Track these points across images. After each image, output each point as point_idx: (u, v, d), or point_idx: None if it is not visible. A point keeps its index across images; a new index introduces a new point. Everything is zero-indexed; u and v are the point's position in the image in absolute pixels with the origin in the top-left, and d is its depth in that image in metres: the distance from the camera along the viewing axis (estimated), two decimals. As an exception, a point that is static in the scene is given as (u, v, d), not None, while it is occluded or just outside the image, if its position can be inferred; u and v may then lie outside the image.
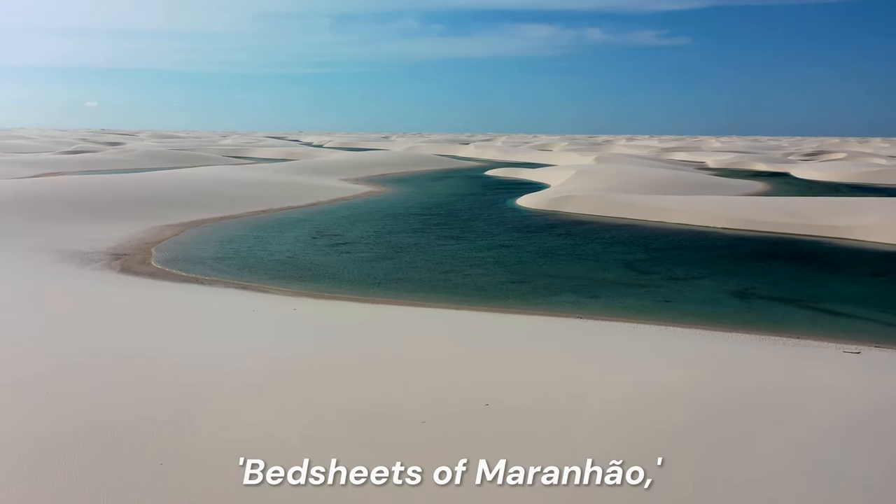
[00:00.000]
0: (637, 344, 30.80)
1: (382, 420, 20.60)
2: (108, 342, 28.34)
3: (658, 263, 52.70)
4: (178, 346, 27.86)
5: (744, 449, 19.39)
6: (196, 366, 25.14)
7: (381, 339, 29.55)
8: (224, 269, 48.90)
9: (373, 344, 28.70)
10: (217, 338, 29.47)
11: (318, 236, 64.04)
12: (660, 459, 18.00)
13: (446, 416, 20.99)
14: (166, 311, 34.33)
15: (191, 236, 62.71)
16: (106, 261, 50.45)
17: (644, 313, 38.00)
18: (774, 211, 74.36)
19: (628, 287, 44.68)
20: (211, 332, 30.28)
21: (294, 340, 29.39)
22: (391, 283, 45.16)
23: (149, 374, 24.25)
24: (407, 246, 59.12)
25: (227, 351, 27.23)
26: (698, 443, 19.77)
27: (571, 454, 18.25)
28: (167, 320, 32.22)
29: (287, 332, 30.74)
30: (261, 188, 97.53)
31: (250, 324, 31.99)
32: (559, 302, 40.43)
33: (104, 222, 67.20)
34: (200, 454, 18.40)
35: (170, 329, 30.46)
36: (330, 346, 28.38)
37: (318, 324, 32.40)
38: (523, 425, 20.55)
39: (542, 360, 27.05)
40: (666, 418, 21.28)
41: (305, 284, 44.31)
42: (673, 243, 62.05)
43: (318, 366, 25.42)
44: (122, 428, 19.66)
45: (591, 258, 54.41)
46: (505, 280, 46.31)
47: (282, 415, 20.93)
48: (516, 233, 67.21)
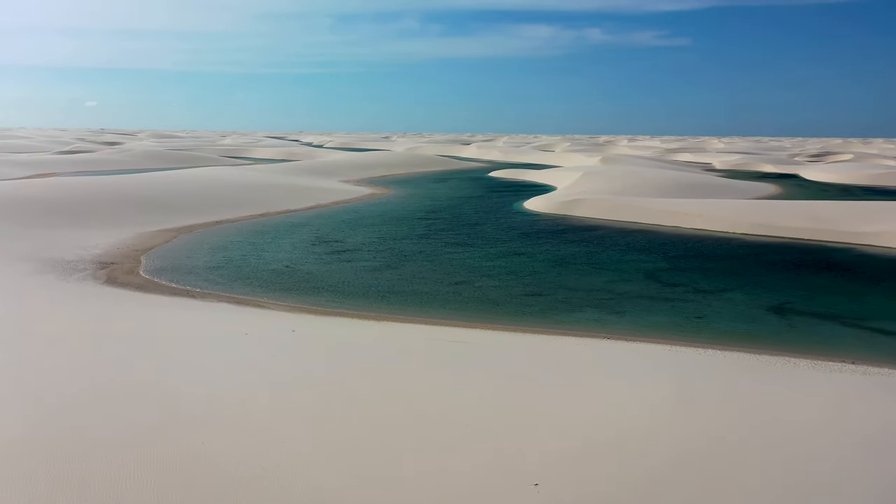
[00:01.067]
0: (677, 370, 27.39)
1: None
2: (80, 375, 24.93)
3: (681, 273, 49.32)
4: (162, 379, 24.44)
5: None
6: (184, 409, 21.78)
7: (395, 372, 26.08)
8: (218, 279, 45.50)
9: (387, 378, 25.29)
10: (206, 369, 26.05)
11: (317, 242, 60.62)
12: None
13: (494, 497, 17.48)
14: (151, 335, 30.85)
15: (183, 242, 59.27)
16: (90, 270, 47.02)
17: (676, 332, 34.61)
18: (796, 216, 70.95)
19: (653, 301, 41.27)
20: (200, 362, 26.83)
21: (295, 375, 25.96)
22: (398, 296, 41.73)
23: (127, 417, 20.90)
24: (412, 254, 55.70)
25: (218, 389, 23.81)
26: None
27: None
28: (151, 347, 28.75)
29: (288, 363, 27.26)
30: (259, 190, 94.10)
31: (244, 351, 28.48)
32: (582, 319, 37.01)
33: (93, 227, 63.77)
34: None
35: (153, 358, 27.01)
36: (338, 382, 25.02)
37: (322, 351, 28.88)
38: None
39: (582, 395, 23.74)
40: (739, 472, 17.99)
41: (304, 298, 40.89)
42: (693, 250, 58.65)
43: (334, 421, 22.04)
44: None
45: (608, 267, 51.02)
46: (520, 293, 42.89)
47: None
48: (526, 239, 63.79)
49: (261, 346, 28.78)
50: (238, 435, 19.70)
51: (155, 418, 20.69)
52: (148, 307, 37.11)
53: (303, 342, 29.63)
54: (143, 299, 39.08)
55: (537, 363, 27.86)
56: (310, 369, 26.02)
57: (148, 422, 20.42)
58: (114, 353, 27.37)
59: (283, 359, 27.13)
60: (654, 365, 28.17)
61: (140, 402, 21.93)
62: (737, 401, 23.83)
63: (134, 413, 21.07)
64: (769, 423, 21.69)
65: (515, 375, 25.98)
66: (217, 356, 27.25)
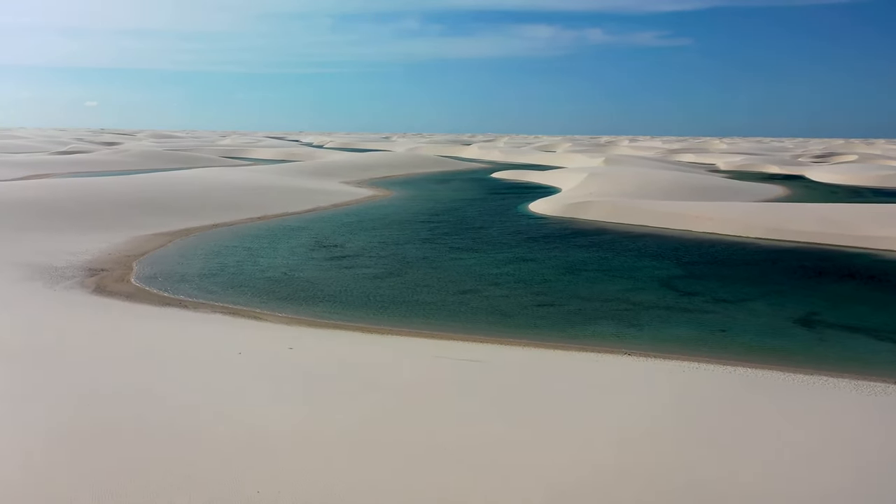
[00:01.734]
0: (708, 391, 25.21)
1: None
2: (61, 397, 22.74)
3: (697, 281, 47.11)
4: (140, 413, 22.19)
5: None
6: (168, 443, 19.58)
7: (403, 399, 23.82)
8: (212, 287, 43.28)
9: (394, 406, 23.06)
10: (194, 395, 23.81)
11: (316, 247, 58.39)
12: None
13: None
14: (137, 352, 28.61)
15: (178, 247, 57.05)
16: (79, 278, 44.81)
17: (700, 348, 32.40)
18: (810, 219, 68.74)
19: (671, 312, 39.06)
20: (188, 387, 24.58)
21: (293, 402, 23.74)
22: (401, 306, 39.51)
23: (107, 453, 18.71)
24: (415, 260, 53.46)
25: (208, 421, 21.60)
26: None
27: None
28: (136, 366, 26.55)
29: (285, 388, 25.04)
30: (257, 192, 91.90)
31: (237, 374, 26.22)
32: (599, 333, 34.78)
33: (85, 231, 61.56)
34: None
35: (135, 383, 24.75)
36: (339, 410, 22.81)
37: (321, 373, 26.61)
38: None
39: (610, 421, 21.55)
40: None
41: (303, 308, 38.66)
42: (708, 256, 56.45)
43: (337, 452, 19.82)
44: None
45: (621, 274, 48.81)
46: (531, 303, 40.68)
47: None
48: (534, 243, 61.56)
49: (255, 367, 26.47)
50: (235, 464, 17.50)
51: (132, 454, 18.49)
52: (136, 319, 34.88)
53: (301, 362, 27.31)
54: (132, 310, 36.85)
55: (557, 384, 25.64)
56: (308, 394, 23.77)
57: (120, 457, 18.21)
58: (92, 375, 25.15)
59: (279, 383, 24.82)
60: (683, 385, 25.98)
61: (114, 439, 19.71)
62: (784, 428, 21.63)
63: (105, 452, 18.87)
64: (822, 454, 19.50)
65: (535, 399, 23.77)
66: (208, 380, 24.96)
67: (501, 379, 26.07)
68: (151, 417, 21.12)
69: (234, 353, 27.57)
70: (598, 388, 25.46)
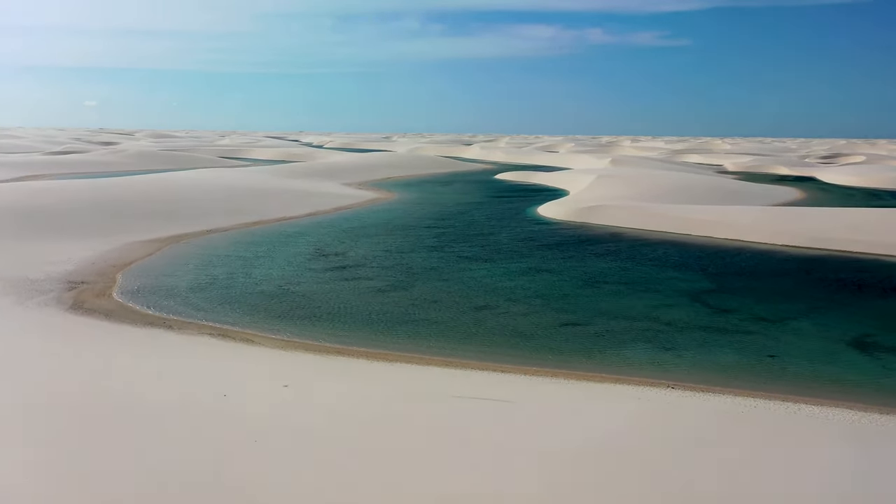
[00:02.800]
0: (777, 436, 21.42)
1: None
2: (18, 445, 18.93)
3: (730, 296, 43.30)
4: (100, 469, 18.38)
5: None
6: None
7: (423, 458, 20.02)
8: (201, 303, 39.45)
9: (412, 468, 19.26)
10: (169, 449, 19.98)
11: (316, 256, 54.55)
12: None
13: None
14: (108, 387, 24.76)
15: (167, 256, 53.21)
16: (56, 292, 40.96)
17: (751, 379, 28.60)
18: (839, 225, 64.97)
19: (708, 333, 35.21)
20: (162, 439, 20.75)
21: (288, 458, 19.89)
22: (410, 326, 35.65)
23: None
24: (423, 270, 49.61)
25: (186, 485, 17.78)
26: None
27: None
28: (105, 405, 22.71)
29: (277, 440, 21.18)
30: (254, 195, 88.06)
31: (223, 422, 22.33)
32: (634, 359, 30.96)
33: (69, 238, 57.67)
34: None
35: (99, 429, 20.90)
36: (341, 469, 18.99)
37: (320, 419, 22.71)
38: None
39: (675, 478, 17.77)
40: None
41: (300, 329, 34.82)
42: (735, 266, 52.66)
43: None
44: None
45: (646, 287, 45.00)
46: (553, 322, 36.85)
47: None
48: (548, 251, 57.73)
49: (239, 420, 22.23)
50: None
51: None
52: (112, 344, 31.03)
53: (294, 409, 23.24)
54: (110, 332, 32.99)
55: (603, 431, 21.77)
56: (304, 448, 19.91)
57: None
58: (48, 419, 21.33)
59: (266, 444, 20.74)
60: (750, 433, 22.18)
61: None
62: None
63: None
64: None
65: (584, 456, 19.91)
66: (187, 429, 21.12)
67: (536, 427, 22.18)
68: (109, 488, 17.33)
69: (218, 394, 23.63)
70: (648, 432, 21.64)
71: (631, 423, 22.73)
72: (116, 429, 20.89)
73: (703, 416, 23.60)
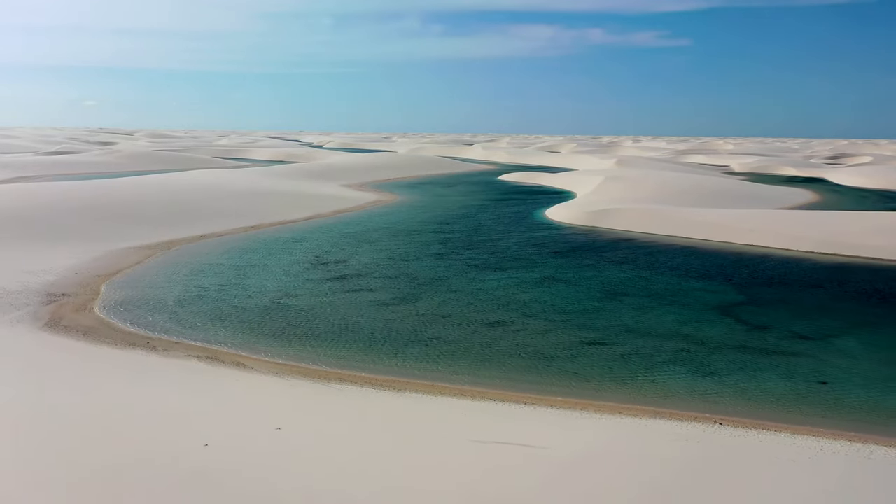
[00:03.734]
0: (859, 493, 18.20)
1: None
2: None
3: (763, 310, 40.05)
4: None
5: None
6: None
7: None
8: (189, 319, 36.18)
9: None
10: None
11: (315, 264, 51.26)
12: None
13: None
14: (64, 429, 21.40)
15: (156, 265, 49.90)
16: (33, 306, 37.66)
17: (805, 411, 25.43)
18: (865, 230, 61.73)
19: (748, 354, 31.94)
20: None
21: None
22: (418, 347, 32.36)
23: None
24: (430, 281, 46.32)
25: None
26: None
27: None
28: (49, 454, 19.35)
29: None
30: (252, 197, 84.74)
31: (200, 481, 19.03)
32: (669, 386, 27.70)
33: (55, 244, 54.34)
34: None
35: (41, 491, 17.56)
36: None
37: (322, 478, 19.48)
38: None
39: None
40: None
41: (297, 350, 31.55)
42: (761, 275, 49.41)
43: None
44: None
45: (671, 300, 41.75)
46: (574, 340, 33.57)
47: None
48: (561, 259, 54.45)
49: (224, 469, 18.90)
50: None
51: None
52: (85, 371, 27.72)
53: (289, 452, 19.87)
54: (84, 355, 29.70)
55: (658, 486, 18.53)
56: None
57: None
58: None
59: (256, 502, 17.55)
60: (827, 484, 18.94)
61: None
62: None
63: None
64: None
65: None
66: (146, 493, 17.80)
67: (581, 487, 18.87)
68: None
69: (197, 445, 20.13)
70: (720, 499, 18.32)
71: (683, 474, 19.48)
72: (54, 495, 17.61)
73: (766, 465, 20.34)
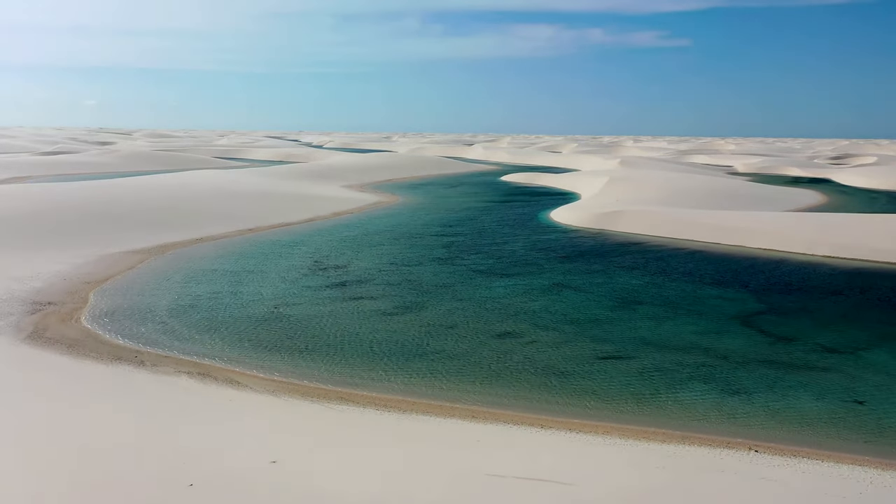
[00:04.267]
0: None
1: None
2: None
3: (785, 319, 38.10)
4: None
5: None
6: None
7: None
8: (181, 330, 34.22)
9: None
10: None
11: (314, 270, 49.29)
12: None
13: None
14: (41, 461, 19.43)
15: (150, 270, 47.92)
16: (17, 316, 35.72)
17: (842, 435, 23.50)
18: (883, 234, 59.71)
19: (775, 369, 29.99)
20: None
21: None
22: (423, 362, 30.39)
23: None
24: (434, 288, 44.34)
25: None
26: None
27: None
28: (14, 485, 17.40)
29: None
30: (250, 199, 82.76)
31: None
32: (695, 407, 25.74)
33: (45, 248, 52.38)
34: None
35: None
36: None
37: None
38: None
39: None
40: None
41: (295, 364, 29.61)
42: (778, 282, 47.43)
43: None
44: None
45: (687, 309, 39.79)
46: (589, 354, 31.62)
47: None
48: (570, 264, 52.49)
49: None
50: None
51: None
52: (66, 390, 25.73)
53: (283, 491, 17.93)
54: (67, 372, 27.73)
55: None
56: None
57: None
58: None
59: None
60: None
61: None
62: None
63: None
64: None
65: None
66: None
67: None
68: None
69: (183, 483, 18.13)
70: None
71: (708, 496, 17.54)
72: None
73: (803, 492, 18.38)
